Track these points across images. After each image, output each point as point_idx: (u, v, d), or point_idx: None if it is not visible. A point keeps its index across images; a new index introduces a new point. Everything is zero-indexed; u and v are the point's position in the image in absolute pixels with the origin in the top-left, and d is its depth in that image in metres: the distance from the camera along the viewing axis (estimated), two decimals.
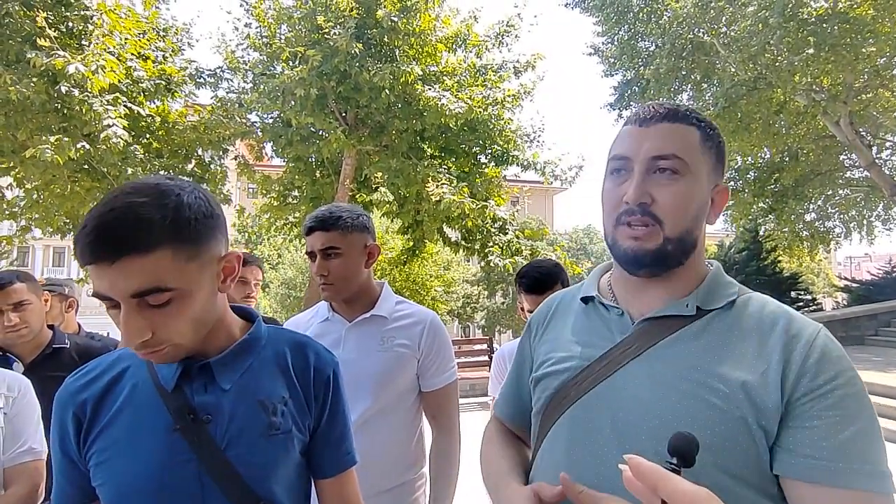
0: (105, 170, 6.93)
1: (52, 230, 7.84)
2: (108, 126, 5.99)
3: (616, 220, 0.78)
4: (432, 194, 7.72)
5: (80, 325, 2.55)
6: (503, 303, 21.60)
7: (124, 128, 6.16)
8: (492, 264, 8.56)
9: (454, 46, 8.66)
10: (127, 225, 0.68)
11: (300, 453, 0.89)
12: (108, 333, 2.62)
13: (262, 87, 8.04)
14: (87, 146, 6.26)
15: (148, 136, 7.67)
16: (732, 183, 14.08)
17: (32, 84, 5.85)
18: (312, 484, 0.95)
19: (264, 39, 8.58)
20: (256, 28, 8.67)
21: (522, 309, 1.97)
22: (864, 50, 9.19)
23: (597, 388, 0.76)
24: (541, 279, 1.82)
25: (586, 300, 0.88)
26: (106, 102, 6.16)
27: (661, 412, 0.70)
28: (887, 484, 0.63)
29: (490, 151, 9.04)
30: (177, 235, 0.72)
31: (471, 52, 8.84)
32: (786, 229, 14.53)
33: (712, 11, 10.26)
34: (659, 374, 0.72)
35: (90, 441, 0.82)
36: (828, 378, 0.66)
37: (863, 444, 0.64)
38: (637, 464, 0.50)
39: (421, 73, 7.68)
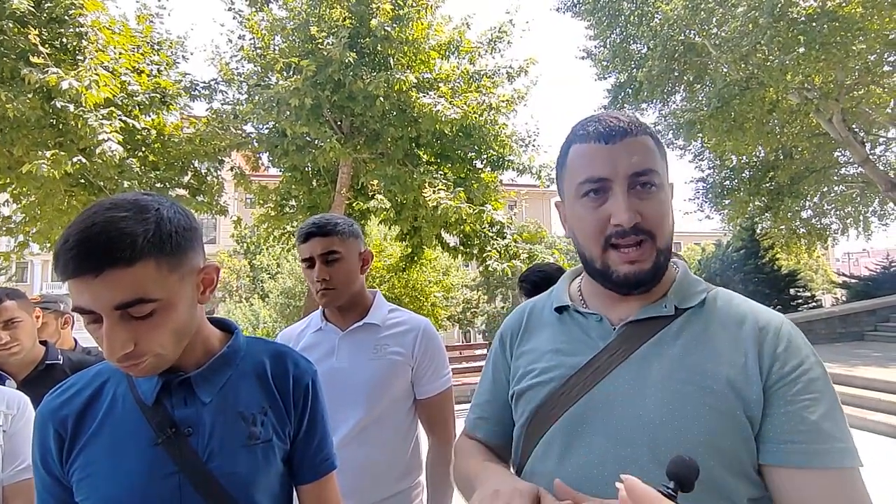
0: (101, 183, 6.95)
1: (49, 245, 7.84)
2: (104, 140, 6.01)
3: (605, 243, 0.75)
4: (429, 200, 7.73)
5: (76, 341, 2.54)
6: (503, 307, 21.58)
7: (120, 142, 6.18)
8: (490, 269, 8.56)
9: (447, 53, 8.70)
10: (111, 238, 0.69)
11: (281, 461, 0.91)
12: None
13: (256, 97, 8.07)
14: (84, 160, 6.28)
15: (144, 149, 7.70)
16: (728, 182, 14.13)
17: (28, 100, 5.88)
18: (294, 490, 0.97)
19: (258, 51, 8.61)
20: (250, 39, 8.71)
21: None
22: (854, 47, 9.25)
23: (586, 396, 0.76)
24: (540, 283, 1.82)
25: (560, 310, 0.87)
26: (101, 117, 6.18)
27: (654, 414, 0.70)
28: (856, 458, 0.66)
29: (485, 157, 9.07)
30: (159, 248, 0.73)
31: (464, 58, 8.89)
32: (783, 227, 14.57)
33: (702, 13, 10.34)
34: (647, 376, 0.73)
35: (72, 457, 0.83)
36: (795, 365, 0.70)
37: (832, 423, 0.67)
38: (632, 486, 0.50)
39: (415, 80, 7.71)
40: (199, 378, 0.86)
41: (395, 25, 7.69)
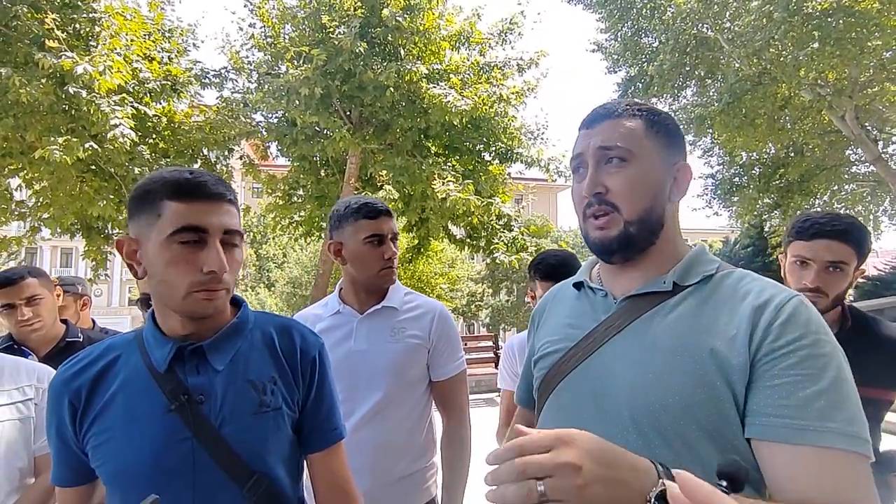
0: (112, 170, 7.00)
1: (60, 230, 7.91)
2: (116, 126, 6.05)
3: (583, 214, 0.84)
4: (438, 192, 7.74)
5: (94, 321, 2.58)
6: (508, 300, 21.60)
7: (131, 128, 6.22)
8: (497, 261, 8.58)
9: (458, 44, 8.68)
10: (223, 182, 0.88)
11: (291, 429, 0.94)
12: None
13: (266, 86, 8.09)
14: (95, 146, 6.33)
15: (154, 136, 7.74)
16: (737, 178, 14.02)
17: (41, 86, 5.91)
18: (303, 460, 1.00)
19: (269, 39, 8.62)
20: (261, 28, 8.71)
21: (533, 297, 1.98)
22: (869, 44, 9.13)
23: (580, 366, 0.81)
24: (557, 266, 1.82)
25: (578, 286, 0.93)
26: (113, 103, 6.22)
27: (635, 383, 0.73)
28: (857, 444, 0.62)
29: (494, 149, 9.06)
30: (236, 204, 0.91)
31: (474, 49, 8.85)
32: None
33: (716, 7, 10.22)
34: (634, 347, 0.76)
35: (86, 425, 0.86)
36: (791, 339, 0.67)
37: (826, 404, 0.63)
38: (684, 480, 0.48)
39: (425, 71, 7.70)
40: (212, 346, 0.89)
41: (406, 15, 7.67)
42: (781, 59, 9.70)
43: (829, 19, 8.92)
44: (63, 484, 0.91)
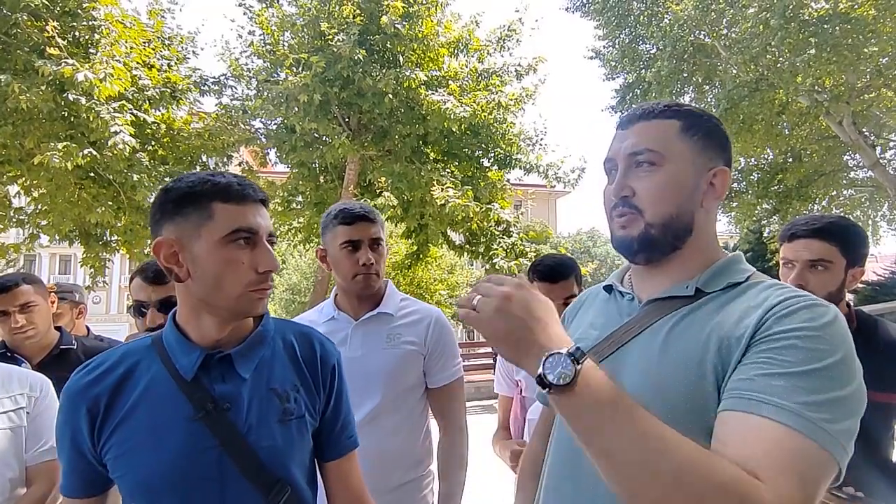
0: (111, 176, 7.00)
1: (59, 237, 7.89)
2: (116, 133, 6.06)
3: (610, 216, 0.84)
4: (437, 198, 7.75)
5: (88, 329, 2.57)
6: None
7: (131, 135, 6.22)
8: (496, 266, 8.56)
9: (456, 51, 8.71)
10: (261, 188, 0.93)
11: (310, 437, 0.94)
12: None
13: (265, 93, 8.10)
14: (94, 153, 6.33)
15: (153, 143, 7.75)
16: (736, 184, 14.05)
17: (40, 92, 5.92)
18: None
19: (268, 47, 8.65)
20: (260, 35, 8.75)
21: None
22: (865, 50, 9.18)
23: (600, 366, 0.80)
24: (556, 267, 1.82)
25: (608, 290, 0.94)
26: (113, 110, 6.23)
27: (646, 385, 0.72)
28: (807, 426, 0.57)
29: (493, 155, 9.07)
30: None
31: (473, 56, 8.89)
32: None
33: (713, 13, 10.28)
34: (648, 350, 0.76)
35: (106, 435, 0.84)
36: (783, 329, 0.64)
37: (788, 386, 0.59)
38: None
39: (424, 77, 7.73)
40: (239, 354, 0.89)
41: (404, 22, 7.70)
42: (778, 65, 9.75)
43: (826, 26, 8.96)
44: (73, 494, 0.88)
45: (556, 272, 1.79)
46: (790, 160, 12.98)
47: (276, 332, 0.97)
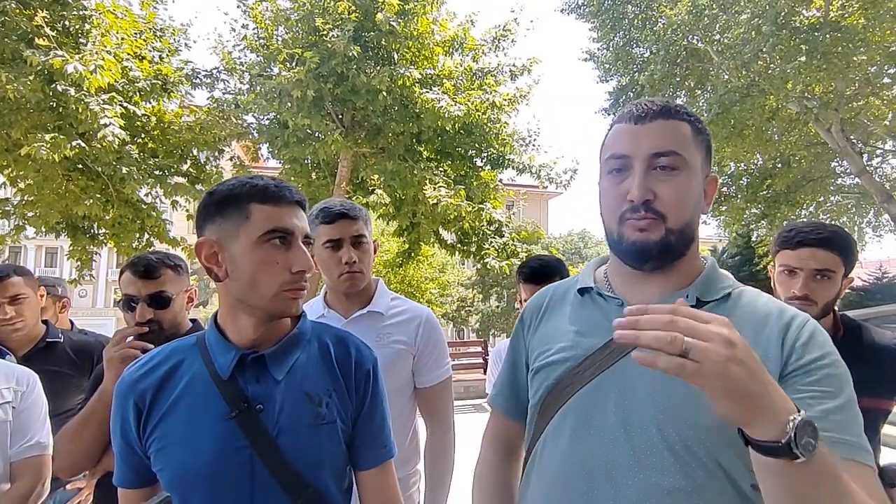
0: (99, 169, 6.91)
1: (45, 229, 7.78)
2: (105, 125, 5.97)
3: (620, 217, 0.79)
4: (430, 197, 7.74)
5: (72, 323, 2.54)
6: (498, 306, 21.62)
7: (121, 127, 6.14)
8: (488, 266, 8.58)
9: (451, 50, 8.70)
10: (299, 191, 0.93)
11: (344, 443, 0.93)
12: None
13: (258, 88, 8.04)
14: (83, 144, 6.24)
15: (143, 135, 7.64)
16: (725, 188, 14.19)
17: (28, 83, 5.82)
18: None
19: (261, 41, 8.58)
20: (253, 29, 8.67)
21: (522, 302, 1.99)
22: (855, 58, 9.31)
23: (599, 377, 0.78)
24: (540, 269, 1.84)
25: (583, 291, 0.90)
26: (102, 101, 6.14)
27: (664, 398, 0.72)
28: (869, 458, 0.65)
29: (486, 155, 9.08)
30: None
31: (467, 55, 8.88)
32: None
33: (706, 19, 10.37)
34: None
35: (150, 429, 0.87)
36: (813, 358, 0.70)
37: (844, 418, 0.66)
38: None
39: (418, 76, 7.70)
40: (273, 356, 0.89)
41: (400, 20, 7.67)
42: (769, 71, 9.85)
43: (816, 34, 9.08)
44: (125, 485, 0.91)
45: (541, 273, 1.81)
46: (779, 165, 13.13)
47: (312, 335, 0.97)
